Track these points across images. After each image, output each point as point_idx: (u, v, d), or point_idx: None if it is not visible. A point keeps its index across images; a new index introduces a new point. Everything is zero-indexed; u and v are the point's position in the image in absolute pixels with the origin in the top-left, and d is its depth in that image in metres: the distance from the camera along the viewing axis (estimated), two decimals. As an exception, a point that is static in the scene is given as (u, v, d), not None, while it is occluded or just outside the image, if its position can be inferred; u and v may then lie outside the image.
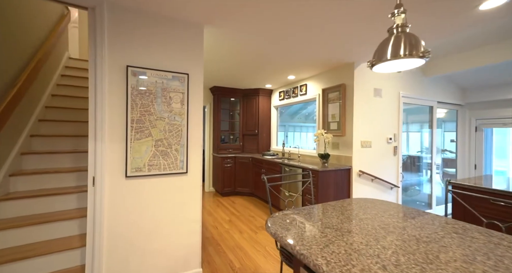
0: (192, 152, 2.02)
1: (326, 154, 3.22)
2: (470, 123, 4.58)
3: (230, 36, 2.32)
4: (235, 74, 3.86)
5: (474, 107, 4.52)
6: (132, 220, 1.78)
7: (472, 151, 4.55)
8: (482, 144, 4.48)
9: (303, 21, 2.01)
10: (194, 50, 2.01)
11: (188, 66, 1.99)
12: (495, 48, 3.12)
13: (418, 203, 4.24)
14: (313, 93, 3.84)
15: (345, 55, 2.88)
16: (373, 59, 0.98)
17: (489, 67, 3.56)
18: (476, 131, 4.53)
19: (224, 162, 4.64)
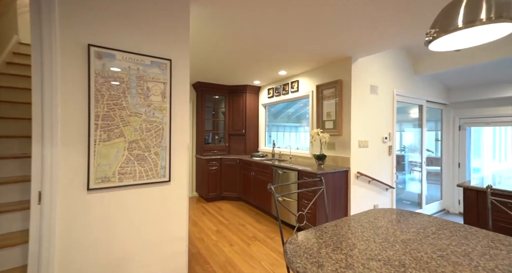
0: (176, 155, 1.65)
1: (322, 155, 3.00)
2: (454, 122, 4.66)
3: (218, 21, 1.99)
4: (222, 68, 3.51)
5: (458, 106, 4.61)
6: (96, 248, 1.37)
7: (456, 150, 4.64)
8: (465, 143, 4.58)
9: (299, 8, 1.74)
10: (178, 30, 1.65)
11: (170, 50, 1.62)
12: (483, 48, 3.11)
13: (404, 202, 4.20)
14: (305, 90, 3.61)
15: (342, 49, 2.67)
16: (433, 30, 0.72)
17: (473, 67, 3.59)
18: (460, 130, 4.62)
19: (208, 165, 4.26)
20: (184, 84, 1.68)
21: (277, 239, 2.78)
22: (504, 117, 4.09)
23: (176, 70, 1.64)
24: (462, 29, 0.67)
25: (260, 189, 3.66)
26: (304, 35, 2.29)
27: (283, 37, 2.34)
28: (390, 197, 3.45)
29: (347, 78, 2.94)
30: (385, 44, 2.51)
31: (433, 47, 0.79)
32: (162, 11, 1.58)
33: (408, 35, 2.28)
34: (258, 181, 3.72)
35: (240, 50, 2.71)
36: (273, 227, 3.15)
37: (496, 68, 3.58)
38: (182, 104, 1.67)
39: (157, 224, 1.58)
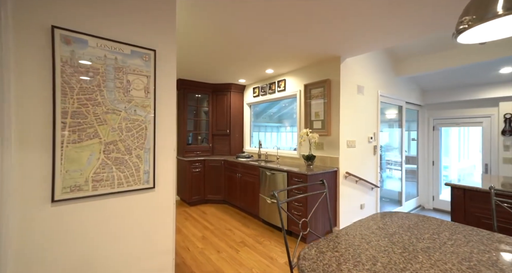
0: (161, 158, 1.46)
1: (311, 156, 2.95)
2: (429, 123, 4.92)
3: (202, 13, 1.82)
4: (206, 66, 3.32)
5: (432, 107, 4.87)
6: (66, 268, 1.15)
7: (431, 149, 4.90)
8: (439, 142, 4.85)
9: (289, 2, 1.65)
10: (163, 17, 1.46)
11: (155, 38, 1.43)
12: (458, 53, 3.28)
13: (384, 200, 4.33)
14: (293, 89, 3.55)
15: (331, 48, 2.64)
16: (469, 17, 0.65)
17: (447, 71, 3.80)
18: (434, 130, 4.89)
19: (191, 167, 4.03)
20: (171, 78, 1.49)
21: (266, 244, 2.67)
22: (472, 118, 4.39)
23: (161, 62, 1.45)
24: (503, 16, 0.60)
25: (247, 191, 3.53)
26: (294, 32, 2.20)
27: (271, 32, 2.23)
28: (375, 196, 3.51)
29: (336, 77, 2.92)
30: (375, 44, 2.51)
31: (462, 39, 0.72)
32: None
33: (400, 36, 2.29)
34: (244, 183, 3.59)
35: (226, 46, 2.56)
36: (261, 230, 3.04)
37: (468, 72, 3.81)
38: (169, 101, 1.49)
39: (140, 237, 1.38)
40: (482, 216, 1.83)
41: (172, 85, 1.50)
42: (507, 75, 3.69)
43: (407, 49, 3.66)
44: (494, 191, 1.15)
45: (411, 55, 3.77)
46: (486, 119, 4.21)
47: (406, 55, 3.80)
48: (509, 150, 3.91)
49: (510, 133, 3.88)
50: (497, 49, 3.01)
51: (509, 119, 3.90)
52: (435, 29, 2.17)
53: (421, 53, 3.65)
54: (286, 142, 6.67)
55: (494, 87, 3.96)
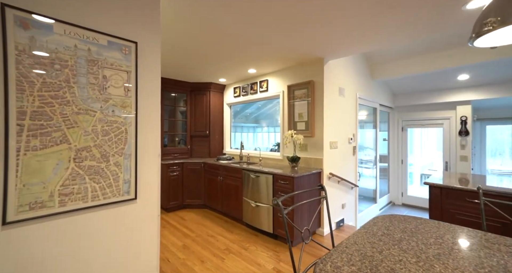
0: (144, 165, 1.29)
1: (296, 157, 2.93)
2: (398, 124, 5.28)
3: (186, 6, 1.68)
4: (184, 63, 3.12)
5: (401, 110, 5.23)
6: (25, 304, 0.93)
7: (400, 148, 5.26)
8: (406, 142, 5.23)
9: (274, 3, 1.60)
10: (147, 5, 1.29)
11: (136, 29, 1.25)
12: (425, 59, 3.55)
13: (359, 197, 4.53)
14: (276, 90, 3.51)
15: (315, 50, 2.64)
16: (493, 19, 0.63)
17: (414, 76, 4.10)
18: (402, 131, 5.26)
19: (169, 170, 3.77)
20: (155, 75, 1.33)
21: (252, 249, 2.58)
22: (435, 119, 4.81)
23: (144, 56, 1.28)
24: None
25: (230, 195, 3.40)
26: (280, 32, 2.15)
27: (257, 30, 2.15)
28: (354, 195, 3.63)
29: (320, 79, 2.95)
30: (357, 47, 2.58)
31: (480, 42, 0.72)
32: (124, -23, 1.21)
33: (381, 41, 2.37)
34: (227, 186, 3.45)
35: (207, 42, 2.41)
36: (246, 235, 2.94)
37: (431, 78, 4.15)
38: (152, 100, 1.32)
39: (119, 257, 1.19)
40: (456, 212, 1.96)
41: (156, 82, 1.34)
42: (463, 82, 4.10)
43: (382, 55, 3.86)
44: (482, 191, 1.20)
45: (385, 60, 3.98)
46: (446, 121, 4.64)
47: (381, 60, 4.01)
48: (464, 149, 4.35)
49: (466, 134, 4.32)
50: (455, 58, 3.31)
51: (464, 121, 4.34)
52: (413, 37, 2.28)
53: (394, 58, 3.88)
54: (262, 142, 6.64)
55: (452, 92, 4.38)
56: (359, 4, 1.68)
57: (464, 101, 4.30)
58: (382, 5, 1.70)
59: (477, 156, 5.28)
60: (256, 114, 6.56)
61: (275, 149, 4.76)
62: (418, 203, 5.01)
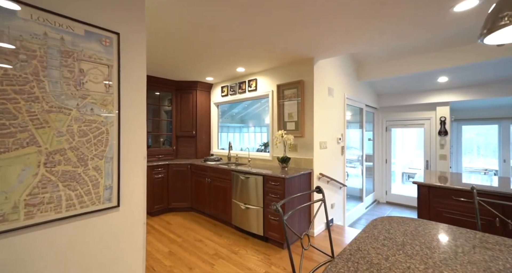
0: (128, 169, 1.17)
1: (286, 158, 2.89)
2: (382, 124, 5.43)
3: None
4: (170, 59, 2.97)
5: (385, 110, 5.38)
6: None
7: (384, 148, 5.41)
8: (390, 142, 5.40)
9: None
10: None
11: (118, 19, 1.13)
12: (411, 61, 3.66)
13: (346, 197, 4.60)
14: (265, 89, 3.46)
15: (305, 49, 2.62)
16: (509, 13, 0.60)
17: (400, 78, 4.24)
18: (386, 131, 5.42)
19: (153, 172, 3.59)
20: (140, 70, 1.21)
21: (242, 253, 2.50)
22: (416, 120, 5.00)
23: (128, 49, 1.16)
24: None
25: (218, 197, 3.29)
26: (271, 29, 2.09)
27: (245, 27, 2.08)
28: (343, 195, 3.67)
29: (310, 78, 2.93)
30: (347, 47, 2.58)
31: (490, 39, 0.69)
32: (104, -40, 1.08)
33: (370, 42, 2.39)
34: (215, 188, 3.34)
35: (195, 37, 2.30)
36: (235, 238, 2.85)
37: (413, 80, 4.30)
38: (137, 97, 1.20)
39: (100, 271, 1.07)
40: (443, 211, 2.01)
41: (141, 78, 1.22)
42: (442, 84, 4.28)
43: (368, 56, 3.93)
44: (476, 191, 1.21)
45: (371, 62, 4.06)
46: (427, 121, 4.84)
47: (366, 62, 4.08)
48: (443, 148, 4.55)
49: (445, 134, 4.52)
50: (436, 61, 3.44)
51: (443, 122, 4.55)
52: (403, 37, 2.32)
53: (379, 60, 3.96)
54: (249, 142, 6.57)
55: (433, 94, 4.56)
56: (349, 4, 1.66)
57: (443, 102, 4.50)
58: (374, 5, 1.69)
59: (454, 155, 5.57)
60: (242, 114, 6.47)
61: (262, 149, 4.72)
62: (401, 201, 5.19)
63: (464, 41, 3.11)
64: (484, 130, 5.98)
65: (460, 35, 3.02)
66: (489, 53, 3.03)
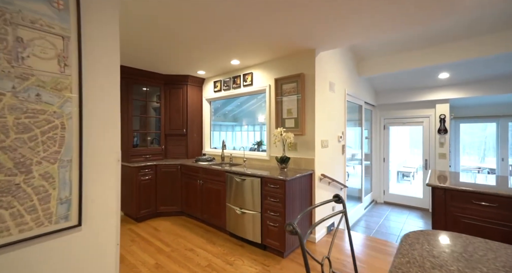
0: (95, 175, 0.89)
1: (285, 158, 2.66)
2: (380, 122, 5.29)
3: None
4: (157, 51, 2.67)
5: (383, 108, 5.24)
6: None
7: (382, 146, 5.27)
8: (388, 140, 5.26)
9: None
10: None
11: (77, -25, 0.85)
12: (411, 57, 3.50)
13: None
14: (261, 84, 3.21)
15: (306, 39, 2.38)
16: None
17: (399, 74, 4.08)
18: (384, 129, 5.28)
19: (139, 174, 3.28)
20: (111, 47, 0.93)
21: (239, 264, 2.25)
22: (415, 118, 4.87)
23: (93, 17, 0.88)
24: None
25: (211, 201, 3.02)
26: (269, 15, 1.84)
27: (243, 12, 1.82)
28: (343, 196, 3.47)
29: (311, 72, 2.70)
30: (352, 37, 2.36)
31: None
32: None
33: (379, 30, 2.18)
34: (207, 190, 3.07)
35: (184, 25, 2.02)
36: (230, 246, 2.60)
37: (413, 76, 4.15)
38: (108, 83, 0.93)
39: (51, 316, 0.79)
40: (461, 216, 1.83)
41: (113, 58, 0.94)
42: (443, 80, 4.16)
43: (368, 51, 3.74)
44: None
45: (371, 57, 3.88)
46: (426, 119, 4.72)
47: (367, 57, 3.90)
48: (443, 146, 4.44)
49: (444, 132, 4.41)
50: (437, 56, 3.28)
51: (443, 119, 4.44)
52: (412, 26, 2.12)
53: (379, 55, 3.78)
54: (241, 141, 6.30)
55: (433, 91, 4.44)
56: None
57: (443, 100, 4.39)
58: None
59: (452, 154, 5.51)
60: (235, 112, 6.20)
61: (255, 148, 4.49)
62: (398, 201, 5.06)
63: (470, 33, 2.96)
64: (477, 129, 5.97)
65: (466, 27, 2.87)
66: (494, 48, 2.89)
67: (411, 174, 7.02)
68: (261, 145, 4.58)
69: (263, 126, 5.87)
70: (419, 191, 5.20)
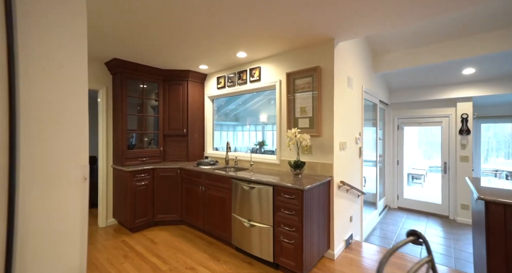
0: (40, 201, 0.56)
1: (300, 163, 2.33)
2: (394, 122, 4.95)
3: None
4: (153, 41, 2.35)
5: (397, 107, 4.89)
6: None
7: (396, 148, 4.93)
8: (402, 142, 4.92)
9: None
10: None
11: None
12: (438, 48, 3.15)
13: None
14: (270, 79, 2.87)
15: (324, 27, 2.05)
16: None
17: (413, 70, 3.74)
18: (398, 130, 4.93)
19: (135, 179, 2.95)
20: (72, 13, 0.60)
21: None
22: (433, 117, 4.53)
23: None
24: None
25: (214, 210, 2.70)
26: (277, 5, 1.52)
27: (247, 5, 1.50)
28: (360, 204, 3.14)
29: (329, 65, 2.36)
30: (378, 24, 2.03)
31: None
32: None
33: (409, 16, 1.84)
34: (210, 198, 2.75)
35: (182, 11, 1.69)
36: (236, 264, 2.27)
37: (432, 72, 3.81)
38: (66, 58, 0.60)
39: None
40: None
41: (80, 18, 0.62)
42: (467, 76, 3.80)
43: (387, 44, 3.40)
44: None
45: (390, 50, 3.54)
46: (445, 118, 4.37)
47: (385, 50, 3.56)
48: (465, 148, 4.10)
49: (467, 132, 4.07)
50: (464, 48, 2.94)
51: (465, 119, 4.09)
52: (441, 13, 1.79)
53: (399, 48, 3.45)
54: (243, 141, 5.97)
55: (454, 88, 4.09)
56: None
57: (466, 98, 4.04)
58: None
59: (472, 156, 5.16)
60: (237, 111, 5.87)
61: (257, 148, 4.18)
62: (414, 207, 4.72)
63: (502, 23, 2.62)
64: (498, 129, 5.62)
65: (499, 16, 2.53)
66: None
67: (422, 177, 6.69)
68: (263, 145, 4.27)
69: (265, 126, 5.55)
70: (433, 196, 4.86)
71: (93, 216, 3.47)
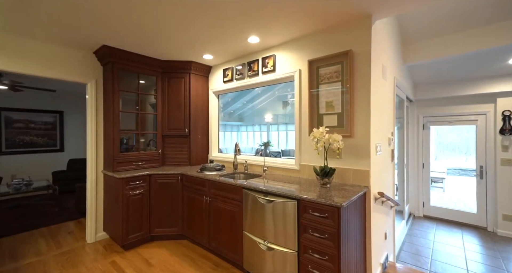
0: None
1: (329, 170, 1.86)
2: (418, 121, 4.44)
3: None
4: (149, 27, 1.91)
5: (422, 104, 4.39)
6: None
7: (421, 150, 4.42)
8: (429, 143, 4.41)
9: None
10: None
11: None
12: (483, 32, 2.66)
13: None
14: (288, 69, 2.42)
15: None
16: None
17: (450, 60, 3.25)
18: (424, 129, 4.43)
19: (128, 187, 2.52)
20: None
21: None
22: (466, 115, 4.02)
23: None
24: None
25: (221, 225, 2.25)
26: None
27: None
28: (392, 217, 2.66)
29: (364, 48, 1.90)
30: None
31: None
32: None
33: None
34: (217, 211, 2.30)
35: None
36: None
37: (473, 61, 3.32)
38: None
39: None
40: None
41: None
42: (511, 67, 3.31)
43: (417, 29, 2.92)
44: None
45: (421, 37, 3.05)
46: (481, 116, 3.86)
47: (415, 38, 3.07)
48: (507, 150, 3.58)
49: (510, 132, 3.55)
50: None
51: (508, 117, 3.57)
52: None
53: (433, 34, 2.96)
54: (247, 143, 5.51)
55: (492, 81, 3.58)
56: None
57: (508, 92, 3.53)
58: None
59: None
60: (241, 111, 5.43)
61: (261, 149, 3.83)
62: (443, 215, 4.20)
63: None
64: None
65: None
66: None
67: (443, 180, 6.17)
68: (268, 146, 3.93)
69: (270, 126, 5.11)
70: (459, 202, 4.35)
71: (83, 227, 3.05)
